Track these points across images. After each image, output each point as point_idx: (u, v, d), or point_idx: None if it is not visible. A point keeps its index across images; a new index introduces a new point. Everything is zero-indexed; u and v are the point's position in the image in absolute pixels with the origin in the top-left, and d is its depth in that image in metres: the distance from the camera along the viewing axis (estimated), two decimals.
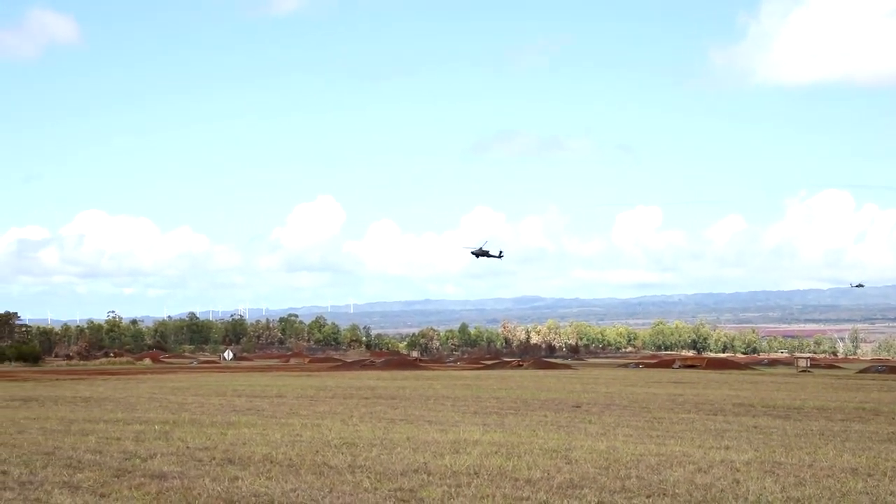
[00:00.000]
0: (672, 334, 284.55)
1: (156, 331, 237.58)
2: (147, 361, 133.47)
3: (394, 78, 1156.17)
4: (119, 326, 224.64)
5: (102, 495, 12.82)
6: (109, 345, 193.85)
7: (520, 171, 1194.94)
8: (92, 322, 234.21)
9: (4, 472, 14.61)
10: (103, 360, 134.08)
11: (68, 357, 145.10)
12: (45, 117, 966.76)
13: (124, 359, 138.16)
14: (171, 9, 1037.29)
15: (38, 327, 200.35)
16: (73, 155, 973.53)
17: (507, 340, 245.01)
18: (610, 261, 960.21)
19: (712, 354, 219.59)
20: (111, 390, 42.82)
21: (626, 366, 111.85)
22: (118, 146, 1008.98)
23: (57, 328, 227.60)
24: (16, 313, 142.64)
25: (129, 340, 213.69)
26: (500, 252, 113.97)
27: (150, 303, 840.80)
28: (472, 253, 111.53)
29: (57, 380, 59.25)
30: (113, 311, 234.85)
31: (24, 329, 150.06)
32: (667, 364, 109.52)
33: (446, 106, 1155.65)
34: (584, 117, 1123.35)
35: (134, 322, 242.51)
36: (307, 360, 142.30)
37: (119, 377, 64.21)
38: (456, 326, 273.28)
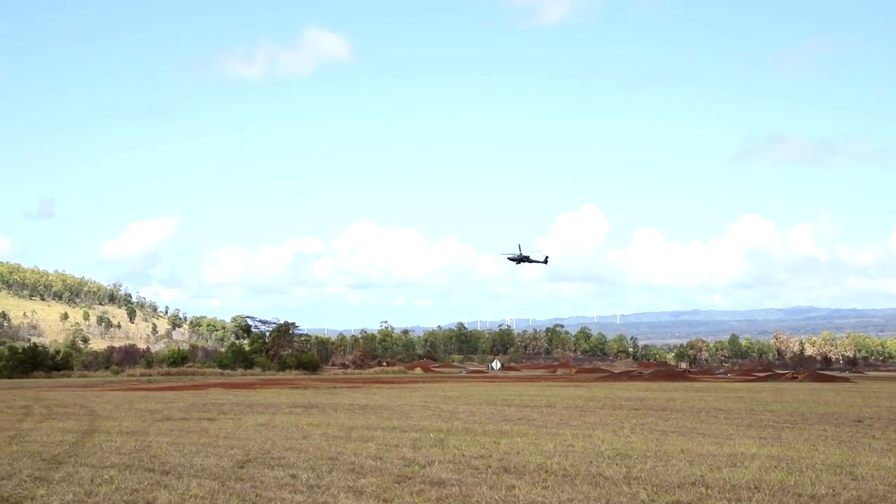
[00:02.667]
0: None
1: (426, 340, 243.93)
2: (418, 370, 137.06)
3: (658, 85, 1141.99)
4: (391, 336, 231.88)
5: (385, 500, 13.24)
6: (382, 354, 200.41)
7: (790, 177, 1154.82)
8: (365, 332, 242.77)
9: (294, 476, 15.34)
10: (377, 368, 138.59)
11: (344, 366, 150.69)
12: (316, 132, 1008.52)
13: (396, 368, 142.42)
14: (438, 25, 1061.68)
15: (316, 337, 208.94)
16: (345, 168, 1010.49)
17: (779, 352, 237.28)
18: (889, 269, 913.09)
19: None
20: (386, 398, 44.08)
21: None
22: (387, 159, 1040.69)
23: (333, 338, 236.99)
24: (294, 323, 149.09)
25: (401, 350, 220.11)
26: (546, 257, 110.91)
27: (420, 313, 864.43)
28: (511, 259, 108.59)
29: (335, 387, 61.56)
30: (385, 322, 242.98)
31: (303, 339, 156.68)
32: None
33: (711, 111, 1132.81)
34: (858, 120, 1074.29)
35: (405, 332, 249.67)
36: (574, 370, 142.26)
37: (392, 385, 66.08)
38: (724, 337, 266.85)
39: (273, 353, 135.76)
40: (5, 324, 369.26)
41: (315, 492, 13.87)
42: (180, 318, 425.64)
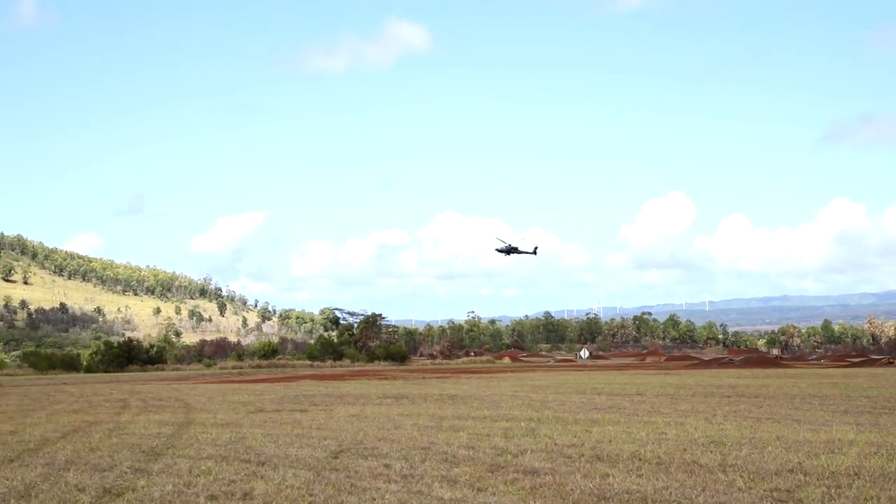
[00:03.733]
0: None
1: (513, 330, 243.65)
2: (506, 360, 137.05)
3: (743, 68, 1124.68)
4: (478, 326, 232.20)
5: (479, 489, 13.26)
6: (470, 344, 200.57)
7: (881, 159, 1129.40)
8: (452, 322, 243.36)
9: (387, 466, 15.45)
10: (465, 358, 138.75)
11: (432, 356, 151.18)
12: (399, 124, 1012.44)
13: (484, 357, 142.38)
14: (517, 15, 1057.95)
15: (404, 327, 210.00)
16: (428, 159, 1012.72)
17: (874, 337, 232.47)
18: None
19: None
20: (475, 388, 44.15)
21: None
22: (470, 149, 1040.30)
23: (420, 328, 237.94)
24: (382, 314, 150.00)
25: (489, 339, 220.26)
26: (535, 248, 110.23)
27: (506, 302, 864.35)
28: (499, 251, 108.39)
29: (423, 378, 61.83)
30: (472, 312, 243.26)
31: (391, 330, 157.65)
32: None
33: (798, 93, 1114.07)
34: None
35: (492, 322, 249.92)
36: (663, 358, 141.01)
37: (481, 375, 66.16)
38: (816, 323, 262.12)
39: (361, 344, 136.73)
40: (100, 319, 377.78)
41: (409, 481, 13.95)
42: (269, 311, 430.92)
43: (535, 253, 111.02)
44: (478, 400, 33.83)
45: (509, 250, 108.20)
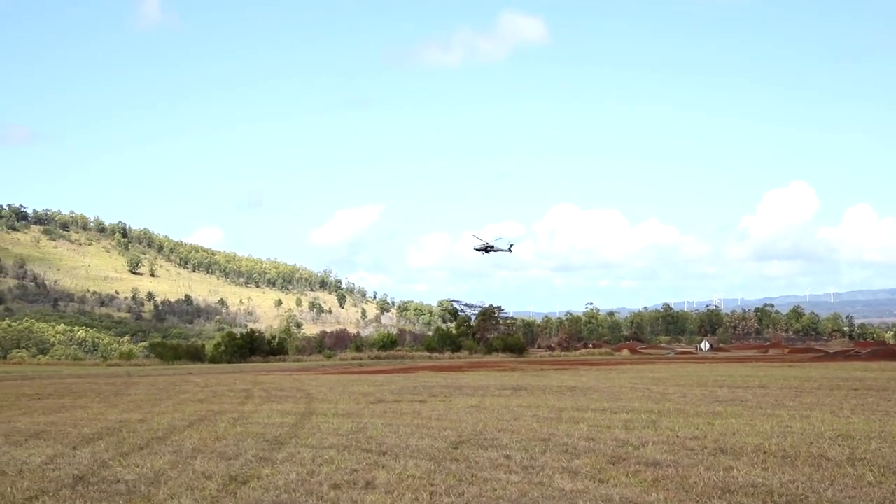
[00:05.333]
0: None
1: (632, 322, 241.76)
2: (625, 352, 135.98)
3: (867, 55, 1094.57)
4: (596, 318, 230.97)
5: (601, 481, 13.17)
6: (588, 336, 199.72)
7: None
8: (570, 314, 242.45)
9: (507, 457, 15.44)
10: (583, 350, 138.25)
11: (550, 348, 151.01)
12: (515, 116, 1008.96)
13: (603, 349, 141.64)
14: (632, 9, 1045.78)
15: (521, 319, 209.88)
16: (544, 151, 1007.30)
17: None
18: None
19: None
20: (594, 380, 43.86)
21: None
22: (586, 141, 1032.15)
23: (538, 320, 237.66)
24: (500, 306, 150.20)
25: (607, 331, 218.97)
26: (510, 245, 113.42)
27: (624, 294, 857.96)
28: (477, 249, 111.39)
29: (542, 370, 61.67)
30: (590, 303, 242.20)
31: (509, 321, 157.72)
32: None
33: None
34: None
35: (610, 314, 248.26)
36: (786, 350, 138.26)
37: (599, 367, 65.74)
38: None
39: (479, 336, 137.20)
40: (223, 310, 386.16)
41: (530, 472, 13.93)
42: (388, 303, 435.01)
43: (510, 250, 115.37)
44: (597, 392, 33.59)
45: (487, 248, 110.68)
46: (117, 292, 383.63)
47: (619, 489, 12.59)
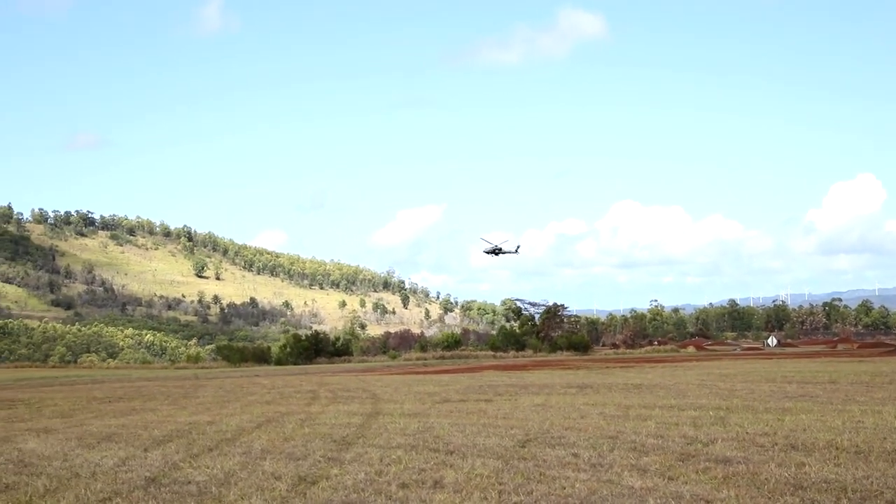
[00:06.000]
0: None
1: (697, 318, 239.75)
2: (691, 349, 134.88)
3: None
4: (661, 315, 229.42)
5: (670, 478, 13.07)
6: (653, 333, 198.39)
7: None
8: (635, 311, 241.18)
9: (575, 455, 15.38)
10: (648, 347, 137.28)
11: (615, 346, 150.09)
12: (575, 113, 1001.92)
13: (668, 346, 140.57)
14: (689, 7, 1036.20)
15: (585, 317, 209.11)
16: (605, 148, 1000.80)
17: None
18: None
19: None
20: (660, 377, 43.57)
21: None
22: (646, 137, 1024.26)
23: (602, 318, 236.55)
24: (563, 305, 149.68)
25: (672, 328, 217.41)
26: (517, 247, 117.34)
27: (689, 290, 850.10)
28: (486, 252, 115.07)
29: (607, 367, 61.43)
30: (655, 300, 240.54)
31: (573, 319, 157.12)
32: None
33: None
34: None
35: (675, 310, 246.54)
36: (856, 345, 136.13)
37: (665, 364, 65.30)
38: None
39: (543, 334, 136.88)
40: (288, 312, 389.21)
41: (598, 470, 13.86)
42: (451, 303, 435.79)
43: (517, 251, 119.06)
44: (663, 389, 33.35)
45: (496, 251, 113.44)
46: (183, 296, 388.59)
47: (689, 486, 12.48)
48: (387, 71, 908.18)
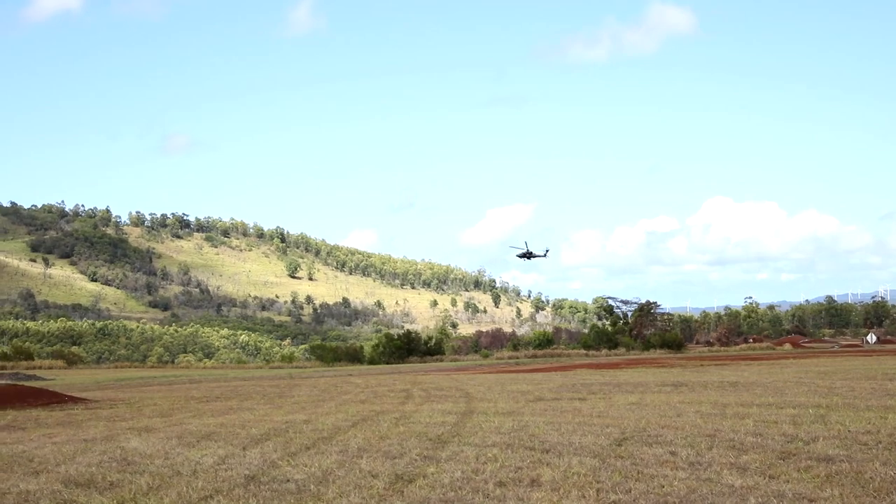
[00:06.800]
0: None
1: (793, 315, 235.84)
2: (787, 346, 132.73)
3: None
4: (756, 312, 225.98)
5: (771, 477, 12.88)
6: (748, 330, 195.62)
7: None
8: (729, 308, 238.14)
9: (673, 453, 15.23)
10: (743, 345, 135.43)
11: (709, 343, 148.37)
12: (664, 109, 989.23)
13: (764, 344, 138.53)
14: (777, 2, 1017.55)
15: (678, 315, 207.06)
16: (696, 144, 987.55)
17: None
18: None
19: None
20: (756, 375, 42.96)
21: None
22: (740, 131, 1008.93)
23: (695, 315, 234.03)
24: (656, 302, 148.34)
25: (767, 326, 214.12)
26: (546, 251, 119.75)
27: (784, 287, 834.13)
28: (519, 256, 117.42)
29: (701, 365, 60.73)
30: (749, 297, 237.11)
31: (665, 317, 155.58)
32: None
33: None
34: None
35: (770, 307, 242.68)
36: None
37: (761, 362, 64.32)
38: None
39: (636, 332, 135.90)
40: (380, 312, 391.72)
41: (697, 468, 13.71)
42: (542, 302, 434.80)
43: (546, 255, 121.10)
44: (760, 387, 32.88)
45: (528, 255, 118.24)
46: (277, 296, 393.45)
47: (790, 485, 12.29)
48: (475, 68, 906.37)
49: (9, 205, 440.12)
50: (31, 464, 17.38)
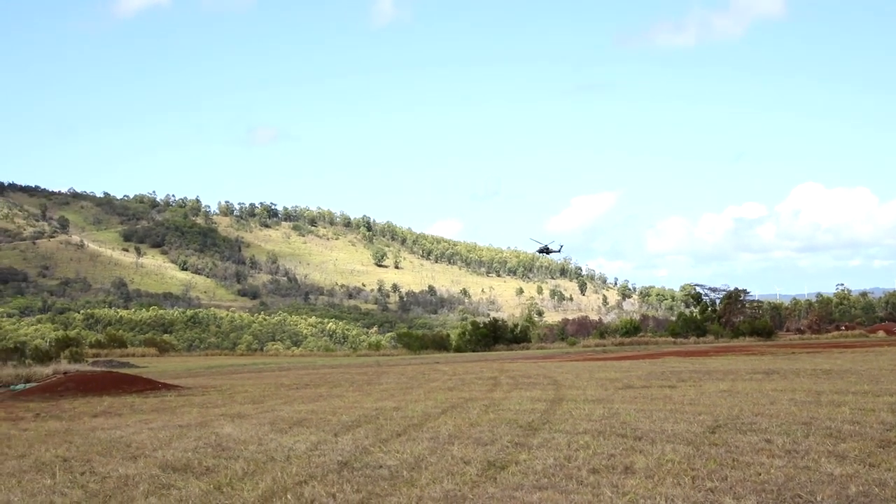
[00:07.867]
0: None
1: (887, 302, 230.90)
2: (881, 333, 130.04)
3: None
4: (848, 299, 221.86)
5: (871, 465, 12.65)
6: (839, 318, 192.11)
7: None
8: (820, 295, 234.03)
9: (768, 441, 15.03)
10: (835, 333, 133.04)
11: (800, 331, 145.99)
12: (752, 95, 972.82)
13: (857, 331, 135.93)
14: None
15: (768, 302, 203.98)
16: (786, 129, 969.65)
17: None
18: None
19: None
20: (850, 363, 42.18)
21: None
22: (830, 115, 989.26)
23: (785, 302, 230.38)
24: (745, 289, 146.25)
25: (860, 313, 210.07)
26: (561, 247, 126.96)
27: (877, 274, 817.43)
28: (539, 252, 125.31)
29: (792, 353, 59.78)
30: (841, 284, 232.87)
31: (755, 305, 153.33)
32: None
33: None
34: None
35: (863, 294, 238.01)
36: None
37: (854, 350, 63.11)
38: None
39: (725, 320, 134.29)
40: (466, 300, 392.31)
41: (793, 456, 13.51)
42: (629, 289, 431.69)
43: (560, 251, 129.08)
44: (854, 375, 32.27)
45: (545, 250, 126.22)
46: (364, 285, 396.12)
47: (892, 473, 12.05)
48: (560, 56, 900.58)
49: (102, 195, 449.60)
50: (128, 449, 17.76)
